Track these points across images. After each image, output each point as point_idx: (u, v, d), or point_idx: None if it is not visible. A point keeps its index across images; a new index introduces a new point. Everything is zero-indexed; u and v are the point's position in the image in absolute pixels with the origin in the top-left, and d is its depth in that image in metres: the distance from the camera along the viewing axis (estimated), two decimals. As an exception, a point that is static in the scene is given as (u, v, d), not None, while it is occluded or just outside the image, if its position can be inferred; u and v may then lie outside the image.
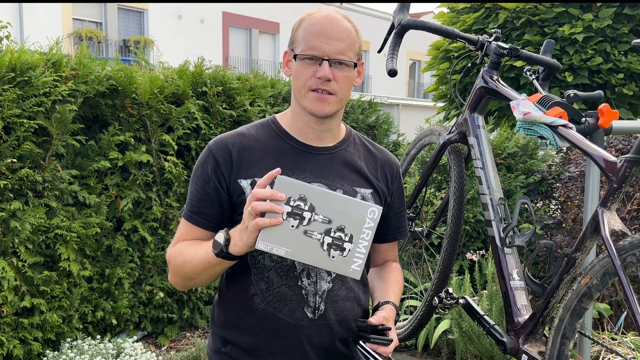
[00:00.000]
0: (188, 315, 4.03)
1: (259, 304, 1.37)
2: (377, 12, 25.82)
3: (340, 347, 1.44)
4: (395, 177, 1.54)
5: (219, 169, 1.38)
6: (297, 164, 1.40)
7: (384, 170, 1.51)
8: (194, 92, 3.97)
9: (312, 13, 1.39)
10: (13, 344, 3.16)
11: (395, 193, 1.53)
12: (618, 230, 1.45)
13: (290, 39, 1.42)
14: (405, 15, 1.96)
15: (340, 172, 1.44)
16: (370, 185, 1.47)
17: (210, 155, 1.39)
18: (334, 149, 1.46)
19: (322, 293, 1.39)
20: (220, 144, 1.41)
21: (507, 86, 1.89)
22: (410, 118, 21.16)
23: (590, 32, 4.89)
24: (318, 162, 1.42)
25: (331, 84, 1.35)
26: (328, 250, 1.20)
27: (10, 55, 3.19)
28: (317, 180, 1.41)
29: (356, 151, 1.49)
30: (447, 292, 1.98)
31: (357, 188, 1.44)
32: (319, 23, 1.35)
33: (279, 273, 1.37)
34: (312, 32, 1.35)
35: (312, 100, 1.36)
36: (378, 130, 5.36)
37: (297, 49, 1.37)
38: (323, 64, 1.33)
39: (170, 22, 18.55)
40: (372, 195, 1.46)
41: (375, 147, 1.55)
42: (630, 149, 2.80)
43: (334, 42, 1.34)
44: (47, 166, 3.31)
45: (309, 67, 1.35)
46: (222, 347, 1.43)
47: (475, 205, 4.55)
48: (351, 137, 1.51)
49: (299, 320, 1.37)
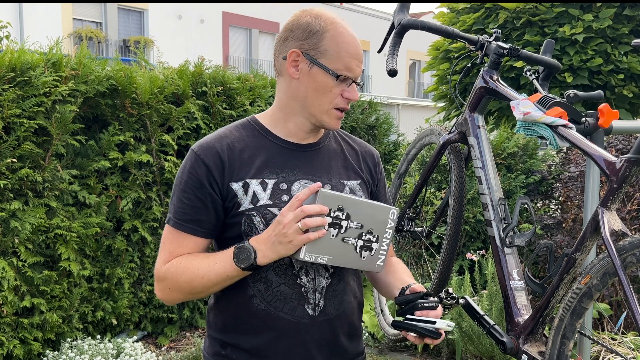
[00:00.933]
0: (188, 315, 4.03)
1: (259, 304, 1.36)
2: (377, 12, 25.83)
3: (342, 341, 1.44)
4: (377, 165, 1.57)
5: (210, 174, 1.35)
6: (286, 162, 1.41)
7: (365, 161, 1.54)
8: (194, 92, 3.97)
9: (335, 23, 1.37)
10: (13, 344, 3.16)
11: (380, 181, 1.57)
12: (618, 230, 1.45)
13: (308, 42, 1.36)
14: (405, 15, 1.96)
15: (327, 167, 1.45)
16: (357, 176, 1.49)
17: (198, 160, 1.36)
18: (318, 145, 1.47)
19: (321, 289, 1.39)
20: (207, 148, 1.38)
21: (507, 86, 1.89)
22: (410, 118, 21.17)
23: (590, 33, 4.88)
24: (305, 159, 1.44)
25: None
26: (360, 252, 1.32)
27: (10, 55, 3.19)
28: (307, 176, 1.41)
29: (338, 145, 1.52)
30: (447, 292, 1.97)
31: (344, 181, 1.46)
32: (352, 43, 1.38)
33: (277, 272, 1.36)
34: (350, 52, 1.37)
35: (334, 119, 1.41)
36: (378, 130, 5.36)
37: (330, 63, 1.35)
38: (353, 87, 1.39)
39: (170, 22, 18.55)
40: (359, 186, 1.48)
41: (353, 139, 1.58)
42: (630, 149, 2.80)
43: (361, 65, 1.41)
44: (47, 166, 3.31)
45: (339, 85, 1.37)
46: (221, 350, 1.42)
47: (475, 205, 4.55)
48: (331, 132, 1.53)
49: (300, 318, 1.37)
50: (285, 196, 1.37)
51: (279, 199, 1.37)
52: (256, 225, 1.35)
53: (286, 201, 1.36)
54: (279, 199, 1.37)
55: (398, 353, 3.89)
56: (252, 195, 1.36)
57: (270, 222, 1.33)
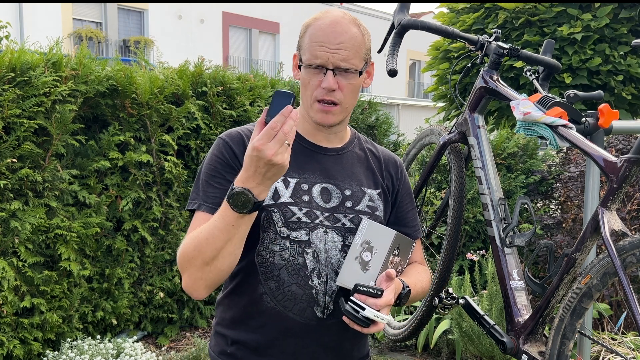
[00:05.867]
0: (188, 315, 4.03)
1: (269, 302, 1.36)
2: (377, 12, 25.82)
3: (349, 345, 1.44)
4: (400, 173, 1.55)
5: (236, 159, 1.35)
6: (307, 163, 1.41)
7: (388, 169, 1.53)
8: (194, 92, 3.97)
9: (319, 17, 1.38)
10: (13, 344, 3.16)
11: (402, 189, 1.54)
12: (618, 230, 1.45)
13: (298, 44, 1.41)
14: (405, 15, 1.96)
15: (349, 173, 1.45)
16: (378, 185, 1.48)
17: (226, 145, 1.38)
18: (342, 150, 1.47)
19: (331, 293, 1.38)
20: (234, 136, 1.39)
21: (507, 86, 1.89)
22: (410, 118, 21.17)
23: (589, 32, 4.89)
24: (327, 162, 1.44)
25: (336, 93, 1.35)
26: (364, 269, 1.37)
27: (10, 55, 3.19)
28: (327, 181, 1.42)
29: (362, 152, 1.51)
30: (447, 292, 1.98)
31: (365, 189, 1.46)
32: (323, 30, 1.34)
33: (290, 272, 1.36)
34: (317, 41, 1.34)
35: (317, 112, 1.38)
36: (378, 130, 5.36)
37: (303, 56, 1.37)
38: (327, 74, 1.34)
39: (170, 22, 18.54)
40: (378, 195, 1.47)
41: (377, 147, 1.57)
42: (630, 149, 2.80)
43: (338, 51, 1.33)
44: (47, 166, 3.31)
45: (315, 76, 1.35)
46: (227, 348, 1.42)
47: (475, 205, 4.55)
48: (356, 139, 1.53)
49: (308, 320, 1.37)
50: (305, 196, 1.38)
51: (300, 199, 1.37)
52: (275, 221, 1.35)
53: (306, 201, 1.38)
54: (300, 199, 1.37)
55: (398, 353, 3.89)
56: (273, 191, 1.36)
57: (290, 220, 1.35)
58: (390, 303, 1.29)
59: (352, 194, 1.43)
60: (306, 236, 1.36)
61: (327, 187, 1.41)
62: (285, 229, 1.36)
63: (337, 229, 1.39)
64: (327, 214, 1.39)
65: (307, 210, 1.38)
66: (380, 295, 1.27)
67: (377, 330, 1.28)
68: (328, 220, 1.39)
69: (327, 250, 1.38)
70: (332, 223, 1.39)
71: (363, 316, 1.26)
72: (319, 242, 1.37)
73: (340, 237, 1.39)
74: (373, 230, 1.37)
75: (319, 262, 1.37)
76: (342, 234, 1.39)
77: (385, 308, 1.28)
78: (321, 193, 1.40)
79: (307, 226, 1.37)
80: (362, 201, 1.44)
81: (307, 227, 1.37)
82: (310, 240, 1.37)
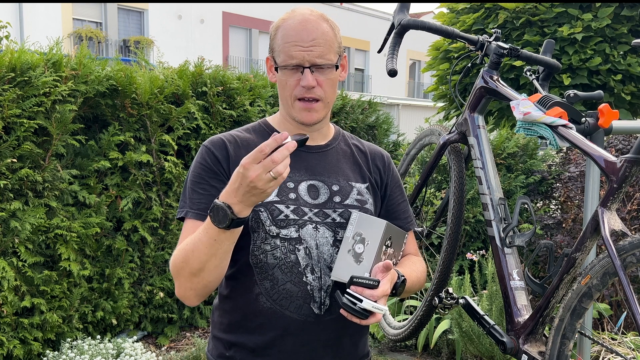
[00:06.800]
0: (188, 315, 4.03)
1: (265, 302, 1.37)
2: (377, 12, 25.82)
3: (348, 342, 1.44)
4: (388, 166, 1.55)
5: (219, 164, 1.39)
6: (293, 163, 1.41)
7: (375, 162, 1.53)
8: (194, 92, 3.97)
9: (287, 18, 1.39)
10: (13, 344, 3.16)
11: (391, 182, 1.55)
12: (618, 230, 1.45)
13: (269, 46, 1.42)
14: (405, 15, 1.96)
15: (335, 169, 1.46)
16: (365, 179, 1.49)
17: (208, 152, 1.40)
18: (326, 147, 1.49)
19: (327, 288, 1.38)
20: (216, 142, 1.42)
21: (507, 86, 1.89)
22: (410, 118, 21.15)
23: (589, 32, 4.89)
24: (311, 160, 1.45)
25: (316, 90, 1.37)
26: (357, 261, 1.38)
27: (10, 55, 3.19)
28: (313, 178, 1.43)
29: (347, 147, 1.52)
30: (447, 292, 1.98)
31: (352, 183, 1.47)
32: (294, 29, 1.36)
33: (283, 270, 1.36)
34: (290, 41, 1.35)
35: (300, 111, 1.39)
36: (378, 130, 5.36)
37: (277, 58, 1.39)
38: (305, 73, 1.35)
39: (170, 22, 18.55)
40: (367, 189, 1.48)
41: (362, 142, 1.58)
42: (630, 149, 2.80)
43: (312, 48, 1.35)
44: (47, 166, 3.31)
45: (292, 76, 1.37)
46: (225, 351, 1.42)
47: (475, 205, 4.55)
48: (340, 135, 1.54)
49: (306, 316, 1.37)
50: (292, 194, 1.39)
51: (286, 197, 1.39)
52: (263, 220, 1.36)
53: (293, 199, 1.39)
54: (286, 197, 1.39)
55: (398, 353, 3.89)
56: None
57: (278, 218, 1.36)
58: (387, 293, 1.30)
59: (339, 189, 1.43)
60: (296, 233, 1.37)
61: (314, 184, 1.42)
62: (274, 228, 1.37)
63: (327, 225, 1.40)
64: (315, 210, 1.40)
65: (294, 207, 1.38)
66: (376, 286, 1.27)
67: (375, 321, 1.28)
68: (317, 216, 1.39)
69: (318, 246, 1.38)
70: (322, 219, 1.40)
71: (361, 308, 1.26)
72: (309, 239, 1.38)
73: (331, 232, 1.40)
74: (363, 222, 1.38)
75: (312, 259, 1.37)
76: (332, 229, 1.40)
77: (382, 298, 1.28)
78: (308, 190, 1.41)
79: (296, 223, 1.37)
80: (350, 195, 1.44)
81: (296, 224, 1.37)
82: (301, 237, 1.37)
